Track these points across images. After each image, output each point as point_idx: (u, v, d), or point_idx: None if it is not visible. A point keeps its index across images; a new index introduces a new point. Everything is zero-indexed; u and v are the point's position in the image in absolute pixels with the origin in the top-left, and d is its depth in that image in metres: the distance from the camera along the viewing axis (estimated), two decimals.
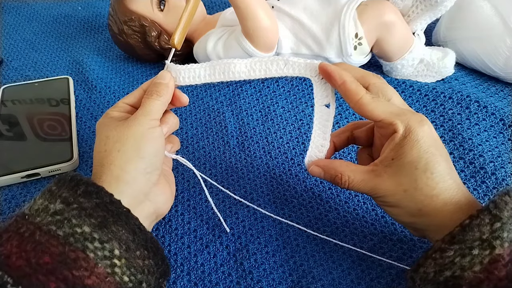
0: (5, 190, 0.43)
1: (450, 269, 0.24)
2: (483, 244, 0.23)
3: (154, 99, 0.32)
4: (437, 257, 0.25)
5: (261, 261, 0.35)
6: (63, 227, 0.24)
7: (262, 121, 0.50)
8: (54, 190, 0.26)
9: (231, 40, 0.52)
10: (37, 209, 0.25)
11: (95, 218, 0.25)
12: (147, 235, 0.27)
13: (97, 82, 0.58)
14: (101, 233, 0.24)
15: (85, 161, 0.46)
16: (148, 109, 0.31)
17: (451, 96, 0.49)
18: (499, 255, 0.23)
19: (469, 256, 0.24)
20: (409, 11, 0.52)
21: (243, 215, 0.39)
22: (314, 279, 0.34)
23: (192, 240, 0.37)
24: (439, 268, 0.25)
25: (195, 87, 0.58)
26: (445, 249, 0.25)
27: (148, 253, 0.27)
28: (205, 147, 0.47)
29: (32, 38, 0.69)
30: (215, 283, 0.34)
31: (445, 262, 0.25)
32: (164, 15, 0.57)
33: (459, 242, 0.24)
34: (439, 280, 0.25)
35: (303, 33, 0.52)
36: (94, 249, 0.24)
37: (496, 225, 0.24)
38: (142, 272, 0.26)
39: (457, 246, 0.24)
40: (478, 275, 0.23)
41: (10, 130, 0.49)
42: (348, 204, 0.40)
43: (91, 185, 0.26)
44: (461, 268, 0.24)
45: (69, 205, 0.25)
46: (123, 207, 0.26)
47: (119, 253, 0.25)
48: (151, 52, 0.59)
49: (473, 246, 0.24)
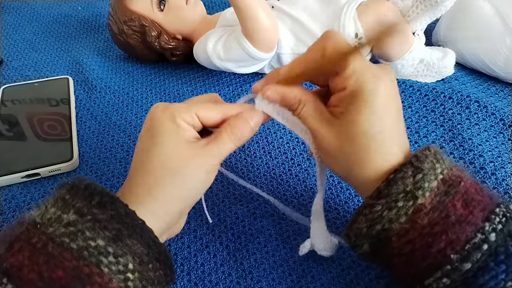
0: (5, 190, 0.43)
1: (380, 223, 0.25)
2: (407, 195, 0.24)
3: (234, 143, 0.28)
4: (367, 213, 0.26)
5: (260, 260, 0.35)
6: (77, 240, 0.23)
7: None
8: (68, 200, 0.25)
9: (231, 40, 0.52)
10: (49, 218, 0.24)
11: (109, 231, 0.24)
12: (161, 248, 0.26)
13: (97, 82, 0.58)
14: (116, 247, 0.24)
15: (85, 161, 0.46)
16: (223, 152, 0.28)
17: (451, 96, 0.49)
18: (422, 204, 0.24)
19: (395, 209, 0.25)
20: (409, 11, 0.52)
21: (243, 215, 0.39)
22: (314, 278, 0.34)
23: (192, 240, 0.37)
24: (370, 223, 0.26)
25: (195, 86, 0.58)
26: (373, 205, 0.26)
27: (160, 265, 0.26)
28: None
29: (32, 38, 0.69)
30: (215, 283, 0.34)
31: (375, 216, 0.25)
32: (164, 15, 0.57)
33: (385, 196, 0.25)
34: (372, 234, 0.26)
35: (303, 33, 0.52)
36: (108, 264, 0.23)
37: (418, 176, 0.25)
38: (152, 283, 0.25)
39: (383, 200, 0.25)
40: (404, 225, 0.24)
41: (10, 130, 0.49)
42: (348, 204, 0.40)
43: (105, 195, 0.25)
44: (389, 221, 0.25)
45: (82, 216, 0.24)
46: (138, 219, 0.25)
47: (133, 267, 0.24)
48: (151, 52, 0.60)
49: (398, 198, 0.25)
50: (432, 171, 0.25)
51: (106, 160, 0.47)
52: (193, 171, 0.27)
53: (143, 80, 0.60)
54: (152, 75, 0.61)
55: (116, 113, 0.54)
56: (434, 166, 0.25)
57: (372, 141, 0.26)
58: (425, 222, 0.24)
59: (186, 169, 0.26)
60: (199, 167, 0.27)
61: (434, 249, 0.24)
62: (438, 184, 0.25)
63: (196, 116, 0.28)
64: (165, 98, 0.56)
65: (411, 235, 0.24)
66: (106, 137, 0.50)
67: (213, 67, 0.56)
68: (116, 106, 0.55)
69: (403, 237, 0.25)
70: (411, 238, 0.24)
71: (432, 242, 0.24)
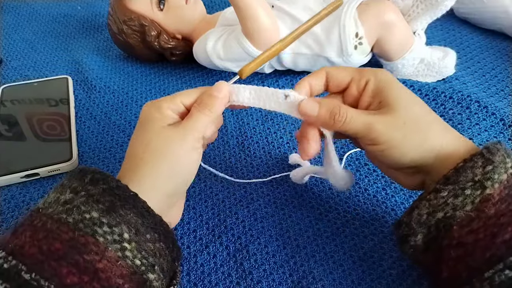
0: (5, 190, 0.43)
1: (443, 210, 0.25)
2: (475, 184, 0.25)
3: (205, 114, 0.30)
4: (431, 198, 0.26)
5: (261, 261, 0.35)
6: (73, 214, 0.24)
7: (262, 121, 0.50)
8: (66, 183, 0.27)
9: (231, 39, 0.51)
10: (50, 202, 0.26)
11: (102, 203, 0.25)
12: (156, 218, 0.27)
13: (97, 82, 0.58)
14: (109, 218, 0.25)
15: (84, 161, 0.46)
16: (197, 125, 0.30)
17: (451, 96, 0.49)
18: (490, 194, 0.24)
19: (462, 196, 0.25)
20: (409, 11, 0.52)
21: (243, 215, 0.39)
22: (315, 279, 0.34)
23: (191, 240, 0.37)
24: (433, 209, 0.26)
25: (195, 86, 0.58)
26: (439, 190, 0.26)
27: (158, 236, 0.27)
28: None
29: (32, 38, 0.69)
30: (215, 283, 0.34)
31: (439, 202, 0.26)
32: (163, 15, 0.57)
33: (453, 183, 0.25)
34: (431, 222, 0.26)
35: None
36: (103, 234, 0.24)
37: (488, 167, 0.25)
38: (153, 255, 0.26)
39: (451, 187, 0.25)
40: (469, 213, 0.24)
41: (10, 130, 0.48)
42: (348, 204, 0.39)
43: (98, 173, 0.27)
44: (453, 208, 0.25)
45: (77, 193, 0.25)
46: (130, 191, 0.26)
47: (129, 236, 0.25)
48: (151, 51, 0.59)
49: (466, 186, 0.25)
50: (502, 164, 0.25)
51: (105, 160, 0.46)
52: (173, 149, 0.29)
53: (142, 80, 0.60)
54: (152, 75, 0.61)
55: (115, 113, 0.53)
56: (505, 160, 0.25)
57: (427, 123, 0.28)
58: (492, 213, 0.24)
59: (166, 147, 0.28)
60: (178, 145, 0.29)
61: (498, 240, 0.23)
62: (508, 177, 0.25)
63: (181, 103, 0.31)
64: None
65: (475, 225, 0.24)
66: (106, 137, 0.50)
67: (212, 66, 0.56)
68: (116, 106, 0.55)
69: (466, 227, 0.24)
70: (475, 227, 0.24)
71: (497, 233, 0.23)
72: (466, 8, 0.62)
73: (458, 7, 0.63)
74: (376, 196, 0.40)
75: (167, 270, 0.27)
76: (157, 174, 0.28)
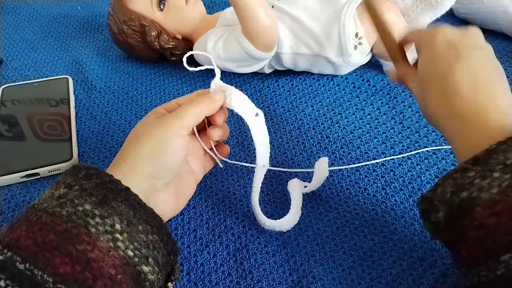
0: (5, 190, 0.43)
1: (468, 190, 0.25)
2: (505, 168, 0.24)
3: (191, 105, 0.32)
4: (457, 177, 0.25)
5: (261, 261, 0.35)
6: (66, 207, 0.25)
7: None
8: (60, 180, 0.28)
9: (231, 40, 0.51)
10: (44, 198, 0.27)
11: (95, 196, 0.26)
12: (147, 210, 0.28)
13: (97, 82, 0.58)
14: (102, 210, 0.25)
15: (84, 161, 0.46)
16: (181, 114, 0.31)
17: None
18: None
19: (490, 178, 0.24)
20: (409, 11, 0.52)
21: (243, 214, 0.39)
22: (315, 279, 0.34)
23: (191, 240, 0.37)
24: (457, 188, 0.25)
25: (195, 86, 0.58)
26: (467, 169, 0.25)
27: (151, 228, 0.27)
28: None
29: (32, 38, 0.69)
30: (215, 283, 0.34)
31: (465, 182, 0.25)
32: (164, 15, 0.57)
33: (482, 164, 0.25)
34: (454, 201, 0.25)
35: (303, 32, 0.52)
36: (95, 225, 0.25)
37: None
38: (146, 247, 0.26)
39: (479, 168, 0.25)
40: (494, 196, 0.24)
41: (10, 130, 0.49)
42: (348, 204, 0.40)
43: (91, 168, 0.28)
44: (479, 189, 0.24)
45: (71, 188, 0.26)
46: (122, 185, 0.27)
47: (120, 227, 0.25)
48: (151, 52, 0.59)
49: (495, 169, 0.24)
50: None
51: (105, 160, 0.46)
52: (155, 133, 0.31)
53: (143, 80, 0.60)
54: (152, 75, 0.61)
55: (115, 113, 0.54)
56: None
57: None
58: None
59: (148, 131, 0.31)
60: (159, 129, 0.31)
61: None
62: None
63: (176, 103, 0.35)
64: (165, 98, 0.56)
65: (499, 208, 0.23)
66: (106, 137, 0.50)
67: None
68: (116, 106, 0.55)
69: (489, 209, 0.24)
70: (498, 211, 0.23)
71: None
72: (466, 8, 0.62)
73: (458, 7, 0.63)
74: (376, 195, 0.40)
75: (162, 264, 0.28)
76: (140, 154, 0.30)
